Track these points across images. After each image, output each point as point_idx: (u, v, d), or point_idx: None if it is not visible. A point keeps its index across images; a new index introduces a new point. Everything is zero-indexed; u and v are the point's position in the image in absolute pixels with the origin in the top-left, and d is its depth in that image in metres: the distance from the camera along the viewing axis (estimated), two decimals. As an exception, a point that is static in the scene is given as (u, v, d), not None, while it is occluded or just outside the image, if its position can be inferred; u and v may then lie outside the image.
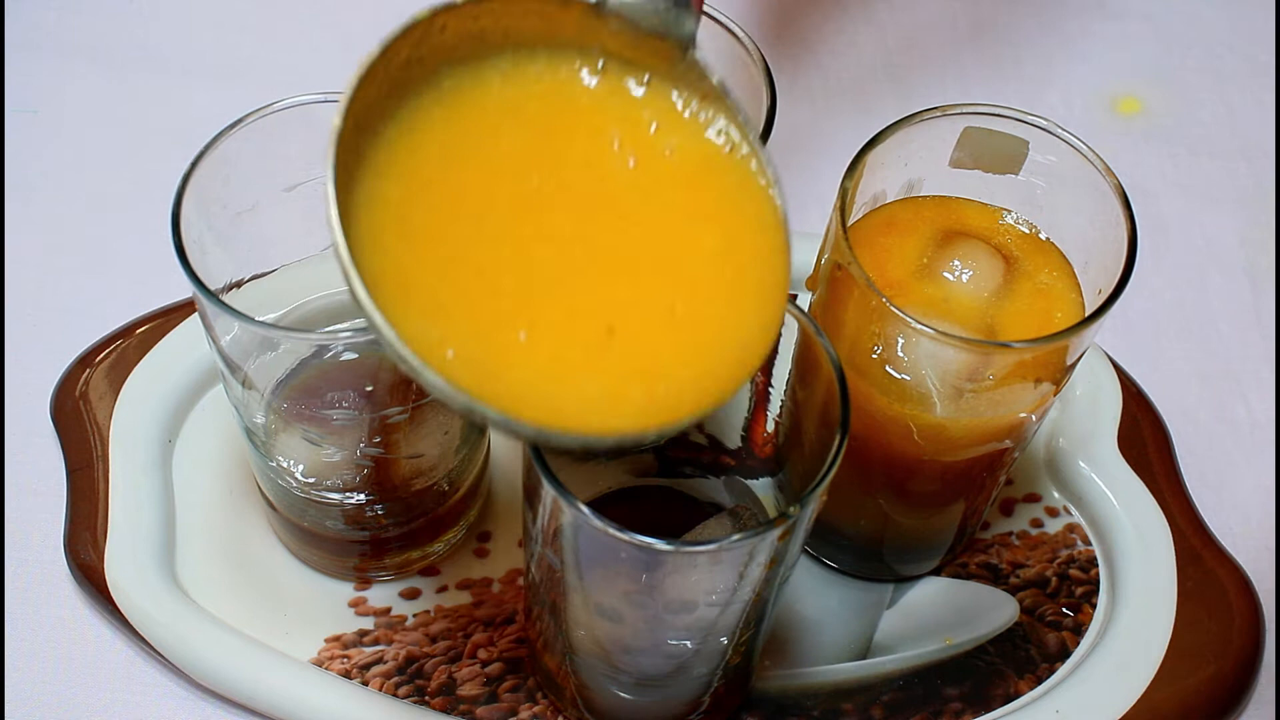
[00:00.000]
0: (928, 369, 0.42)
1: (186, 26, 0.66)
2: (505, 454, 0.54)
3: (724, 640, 0.42)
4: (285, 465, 0.47)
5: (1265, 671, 0.51)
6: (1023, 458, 0.54)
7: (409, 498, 0.48)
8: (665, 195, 0.35)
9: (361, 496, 0.47)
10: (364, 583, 0.51)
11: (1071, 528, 0.53)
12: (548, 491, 0.36)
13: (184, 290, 0.49)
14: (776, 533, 0.36)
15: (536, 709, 0.49)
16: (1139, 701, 0.49)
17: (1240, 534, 0.54)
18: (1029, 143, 0.44)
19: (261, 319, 0.40)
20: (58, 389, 0.53)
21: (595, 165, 0.35)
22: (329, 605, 0.51)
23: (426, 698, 0.49)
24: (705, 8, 0.46)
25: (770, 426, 0.44)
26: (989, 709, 0.50)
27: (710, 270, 0.35)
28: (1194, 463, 0.55)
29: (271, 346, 0.45)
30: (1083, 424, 0.54)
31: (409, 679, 0.49)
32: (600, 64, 0.35)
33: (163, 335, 0.54)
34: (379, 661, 0.49)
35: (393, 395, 0.47)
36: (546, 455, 0.36)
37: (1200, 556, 0.52)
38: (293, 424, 0.47)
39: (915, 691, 0.50)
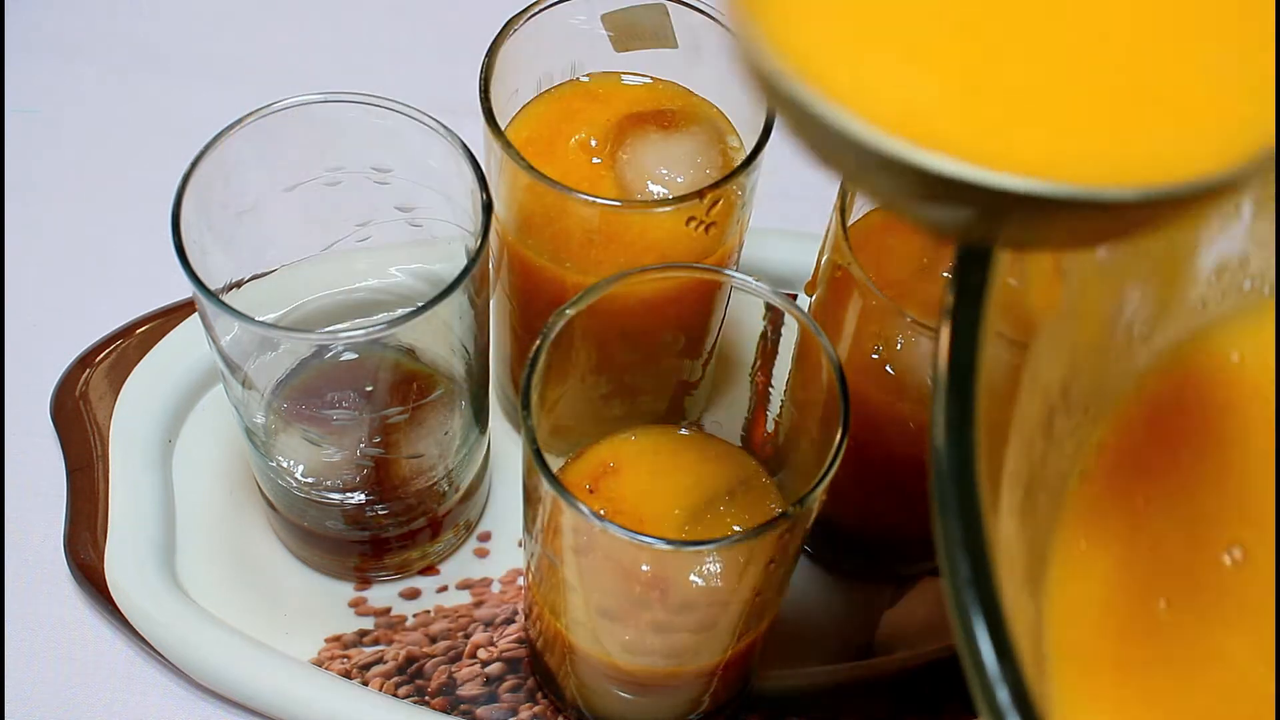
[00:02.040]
0: (928, 369, 0.42)
1: (186, 26, 0.66)
2: (505, 454, 0.54)
3: (724, 640, 0.42)
4: (285, 465, 0.47)
5: (1265, 671, 0.51)
6: (1023, 458, 0.54)
7: (409, 498, 0.48)
8: None
9: (361, 496, 0.47)
10: (364, 583, 0.51)
11: (1071, 528, 0.53)
12: (548, 491, 0.36)
13: (184, 290, 0.49)
14: (776, 533, 0.36)
15: (536, 709, 0.49)
16: (1139, 701, 0.49)
17: (1240, 534, 0.54)
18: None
19: (261, 319, 0.40)
20: (58, 389, 0.53)
21: None
22: (329, 605, 0.51)
23: (426, 698, 0.49)
24: (704, 7, 0.46)
25: (770, 426, 0.44)
26: (989, 709, 0.50)
27: None
28: (1194, 463, 0.55)
29: (271, 346, 0.45)
30: (1083, 424, 0.54)
31: (409, 679, 0.49)
32: None
33: (163, 335, 0.54)
34: (379, 661, 0.49)
35: (393, 395, 0.47)
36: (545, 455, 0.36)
37: (1200, 556, 0.52)
38: (293, 424, 0.47)
39: (915, 691, 0.50)
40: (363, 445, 0.46)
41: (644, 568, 0.38)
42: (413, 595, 0.51)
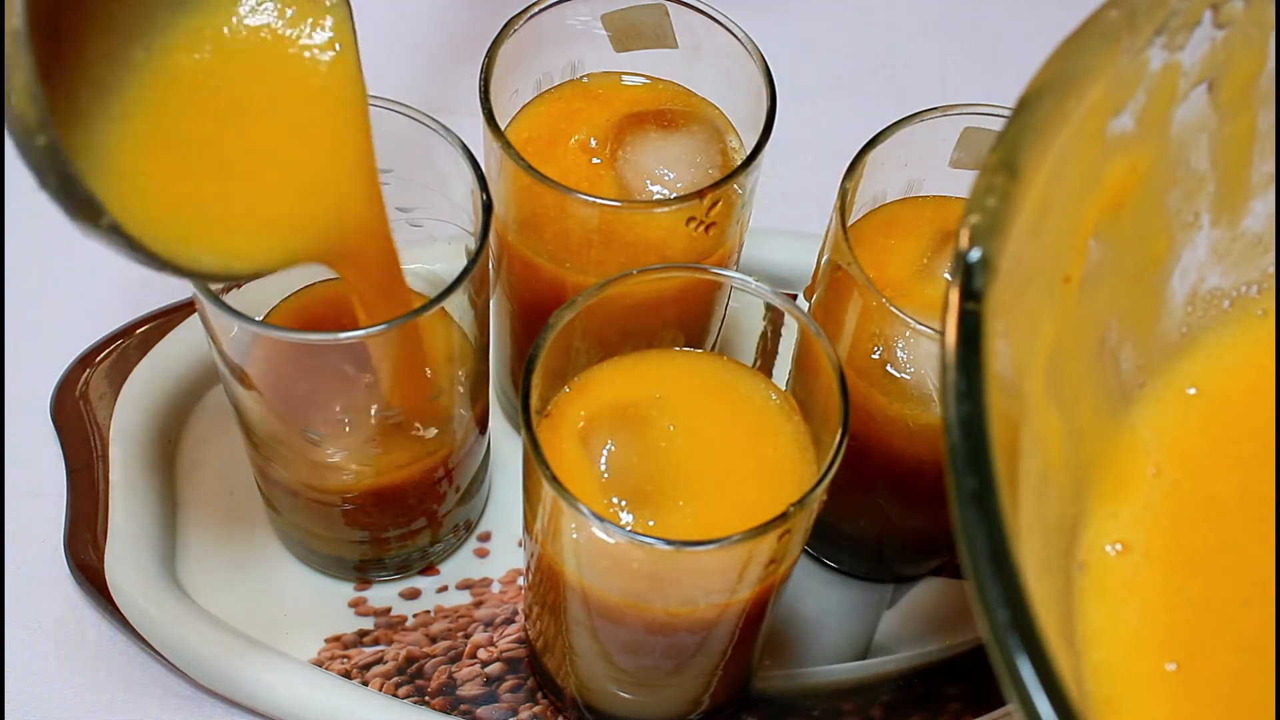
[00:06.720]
0: (928, 369, 0.42)
1: (186, 26, 0.66)
2: (505, 454, 0.54)
3: (724, 640, 0.42)
4: (285, 465, 0.47)
5: (1265, 671, 0.51)
6: (1023, 458, 0.54)
7: (409, 498, 0.48)
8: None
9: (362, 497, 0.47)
10: (364, 583, 0.51)
11: (1071, 528, 0.53)
12: (548, 491, 0.36)
13: (184, 290, 0.49)
14: (776, 533, 0.36)
15: (536, 709, 0.49)
16: (1139, 701, 0.49)
17: (1240, 534, 0.54)
18: (1029, 143, 0.44)
19: (261, 319, 0.40)
20: (58, 389, 0.53)
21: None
22: (329, 605, 0.51)
23: (426, 698, 0.49)
24: (705, 7, 0.46)
25: (770, 426, 0.44)
26: (989, 709, 0.50)
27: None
28: (1194, 463, 0.55)
29: (271, 346, 0.45)
30: (1083, 424, 0.54)
31: (409, 679, 0.49)
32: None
33: (163, 335, 0.54)
34: (379, 661, 0.49)
35: (393, 395, 0.47)
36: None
37: (1200, 556, 0.52)
38: (293, 424, 0.47)
39: (915, 691, 0.50)
40: (363, 445, 0.46)
41: (643, 567, 0.38)
42: (413, 595, 0.51)
